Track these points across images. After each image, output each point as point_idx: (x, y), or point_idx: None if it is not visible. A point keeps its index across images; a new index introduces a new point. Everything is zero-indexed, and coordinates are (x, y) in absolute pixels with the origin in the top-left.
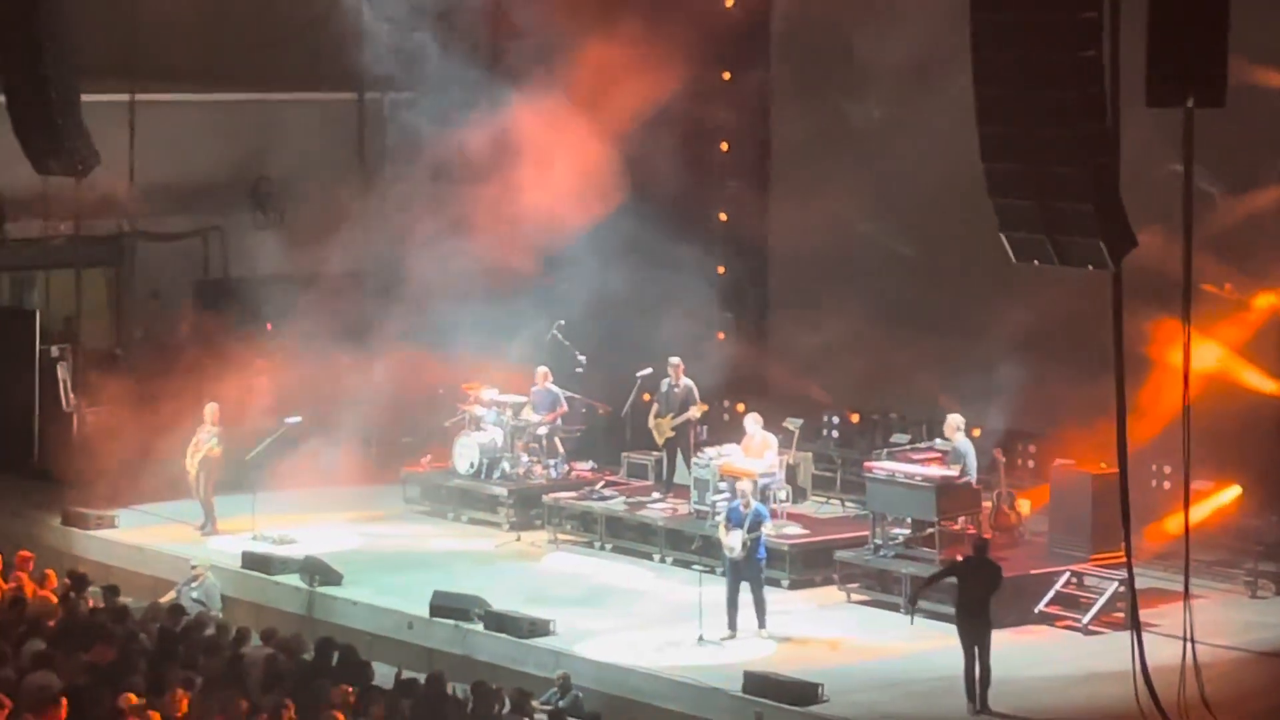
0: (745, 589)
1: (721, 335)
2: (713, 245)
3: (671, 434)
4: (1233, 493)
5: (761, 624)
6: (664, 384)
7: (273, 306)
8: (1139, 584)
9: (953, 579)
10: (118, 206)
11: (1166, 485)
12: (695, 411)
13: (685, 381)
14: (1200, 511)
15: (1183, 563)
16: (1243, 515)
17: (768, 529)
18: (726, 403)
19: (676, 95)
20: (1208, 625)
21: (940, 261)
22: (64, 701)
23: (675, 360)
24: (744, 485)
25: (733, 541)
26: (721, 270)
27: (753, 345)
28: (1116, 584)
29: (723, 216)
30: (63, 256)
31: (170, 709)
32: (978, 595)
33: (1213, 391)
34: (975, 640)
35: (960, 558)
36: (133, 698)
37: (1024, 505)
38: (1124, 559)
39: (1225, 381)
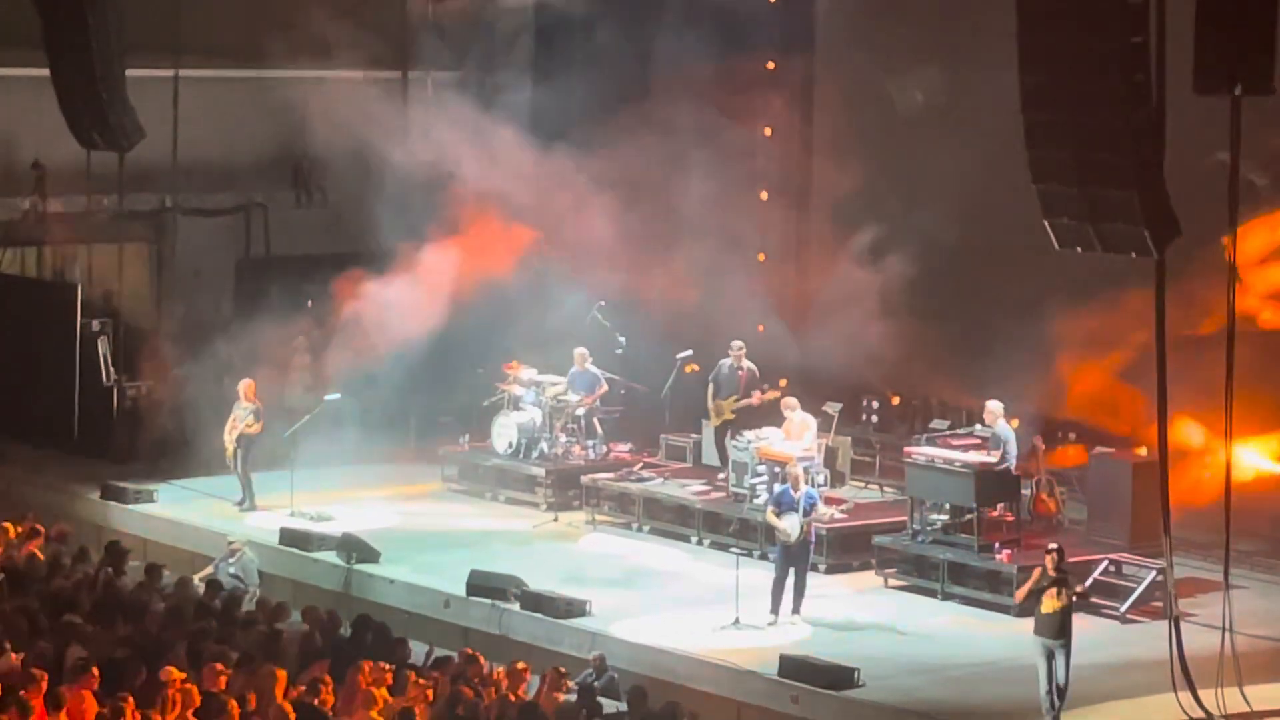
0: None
1: (761, 328)
2: (753, 230)
3: (732, 416)
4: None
5: (796, 608)
6: (724, 365)
7: (313, 284)
8: (1178, 573)
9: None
10: (160, 182)
11: (1207, 474)
12: (758, 397)
13: (748, 364)
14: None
15: (1222, 553)
16: None
17: (823, 514)
18: (765, 386)
19: (721, 80)
20: (1246, 615)
21: (983, 247)
22: (97, 674)
23: (738, 343)
24: (794, 469)
25: (790, 525)
26: (762, 258)
27: (792, 328)
28: (1155, 573)
29: (763, 195)
30: (105, 231)
31: (208, 683)
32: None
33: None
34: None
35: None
36: (175, 671)
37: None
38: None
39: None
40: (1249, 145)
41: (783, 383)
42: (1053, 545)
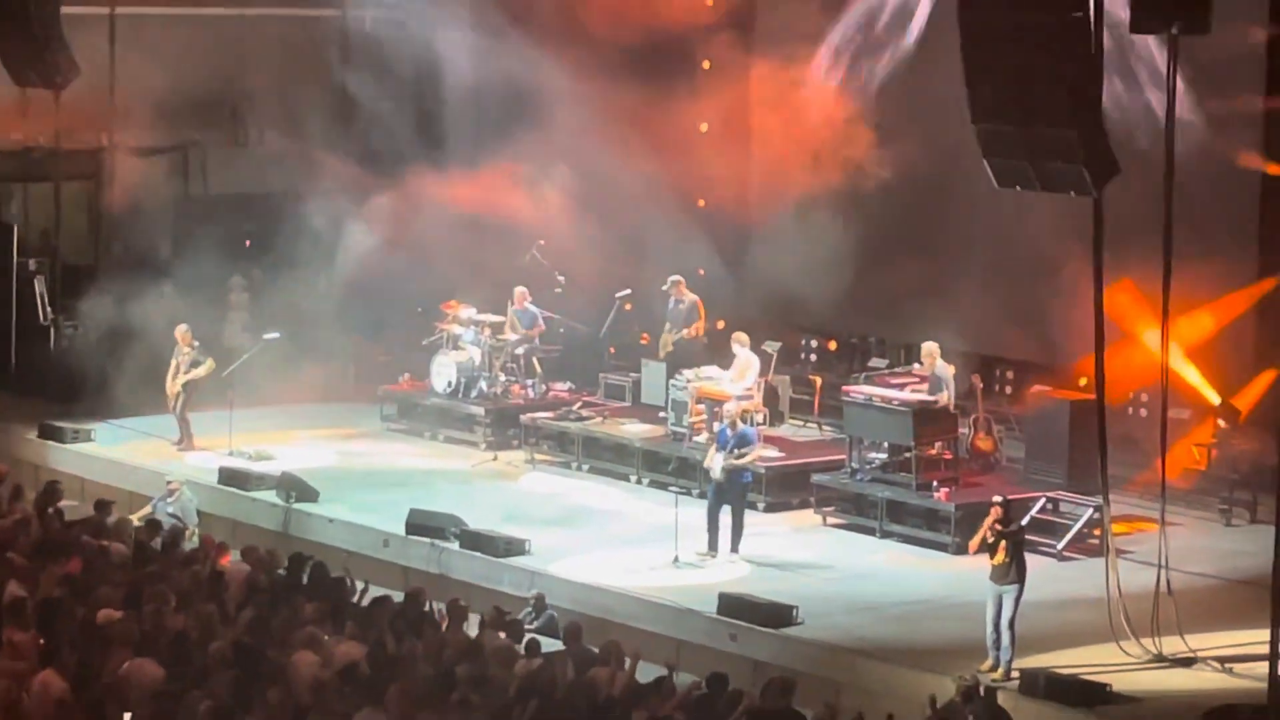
0: (726, 511)
1: (702, 271)
2: (692, 174)
3: (672, 349)
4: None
5: (735, 547)
6: (670, 301)
7: (252, 224)
8: (1114, 511)
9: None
10: (97, 121)
11: (1143, 413)
12: (693, 330)
13: (690, 297)
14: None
15: (1158, 490)
16: (1218, 441)
17: (755, 454)
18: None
19: (658, 19)
20: (1182, 552)
21: (923, 188)
22: (34, 613)
23: (675, 277)
24: (729, 407)
25: (715, 463)
26: (702, 204)
27: (732, 272)
28: (1091, 510)
29: (704, 127)
30: (41, 170)
31: (148, 623)
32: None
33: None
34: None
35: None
36: (111, 613)
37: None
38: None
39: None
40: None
41: (720, 324)
42: (998, 498)
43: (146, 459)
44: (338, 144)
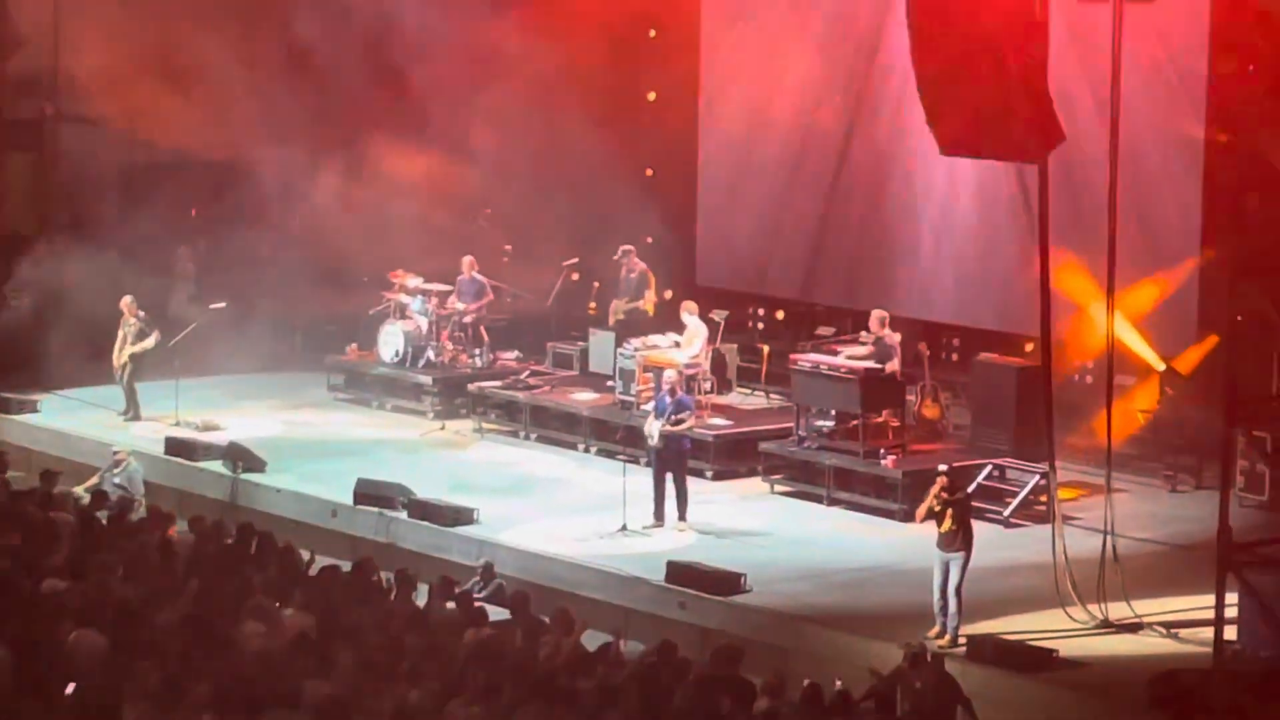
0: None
1: (650, 239)
2: (640, 142)
3: (622, 317)
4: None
5: (682, 515)
6: (622, 271)
7: (197, 193)
8: (1061, 477)
9: None
10: (42, 89)
11: (1089, 380)
12: (645, 301)
13: (640, 267)
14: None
15: (1104, 457)
16: (1163, 408)
17: (691, 420)
18: (648, 293)
19: None
20: (1127, 518)
21: (872, 153)
22: None
23: (627, 247)
24: (668, 375)
25: (652, 430)
26: (650, 173)
27: (680, 241)
28: (1038, 477)
29: (651, 96)
30: None
31: (92, 593)
32: None
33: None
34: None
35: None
36: (57, 583)
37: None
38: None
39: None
40: None
41: (668, 294)
42: (944, 466)
43: (93, 430)
44: (287, 111)
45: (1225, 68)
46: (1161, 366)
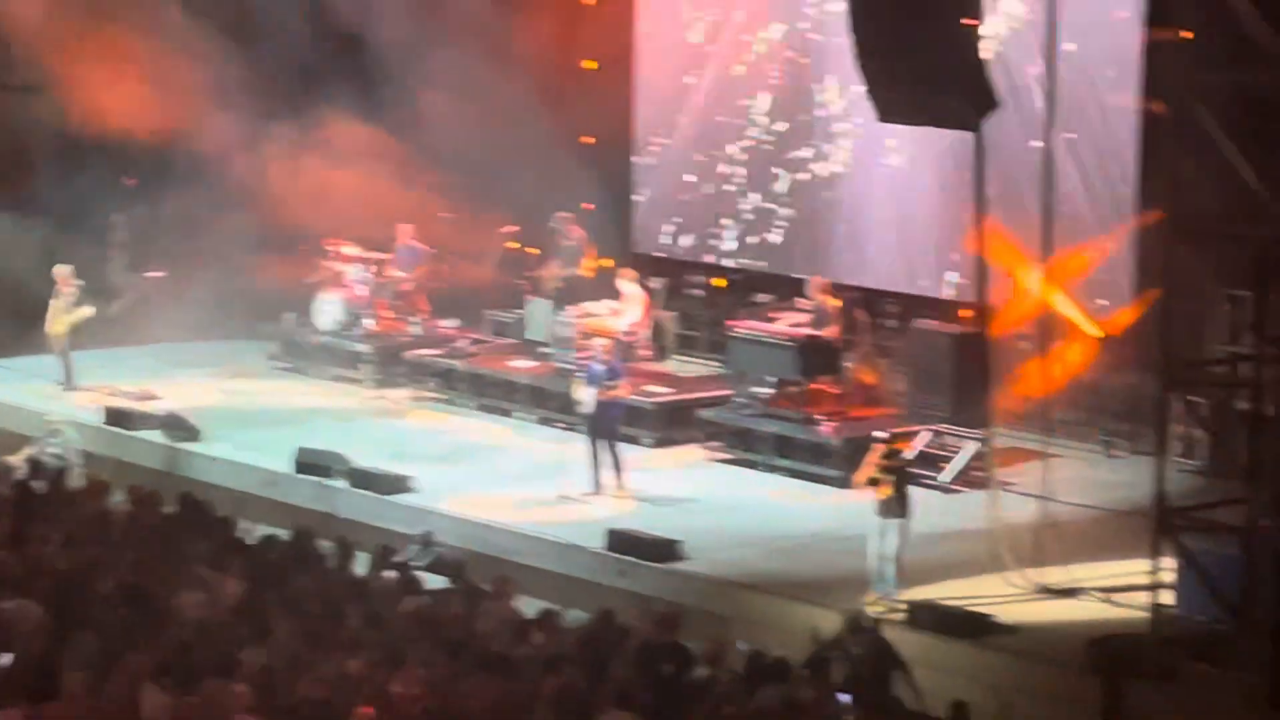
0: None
1: (588, 206)
2: (578, 110)
3: (559, 284)
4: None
5: (619, 482)
6: (559, 239)
7: (133, 162)
8: (998, 443)
9: None
10: None
11: (1025, 345)
12: (582, 268)
13: (578, 234)
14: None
15: (1041, 423)
16: (1099, 374)
17: (622, 386)
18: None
19: None
20: (1064, 484)
21: (807, 123)
22: None
23: (564, 214)
24: (599, 342)
25: (584, 397)
26: (591, 140)
27: (619, 208)
28: (975, 443)
29: (589, 64)
30: None
31: (29, 563)
32: None
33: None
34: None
35: None
36: None
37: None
38: None
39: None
40: None
41: (607, 262)
42: (883, 433)
43: (29, 399)
44: (228, 77)
45: (1160, 36)
46: (1097, 332)
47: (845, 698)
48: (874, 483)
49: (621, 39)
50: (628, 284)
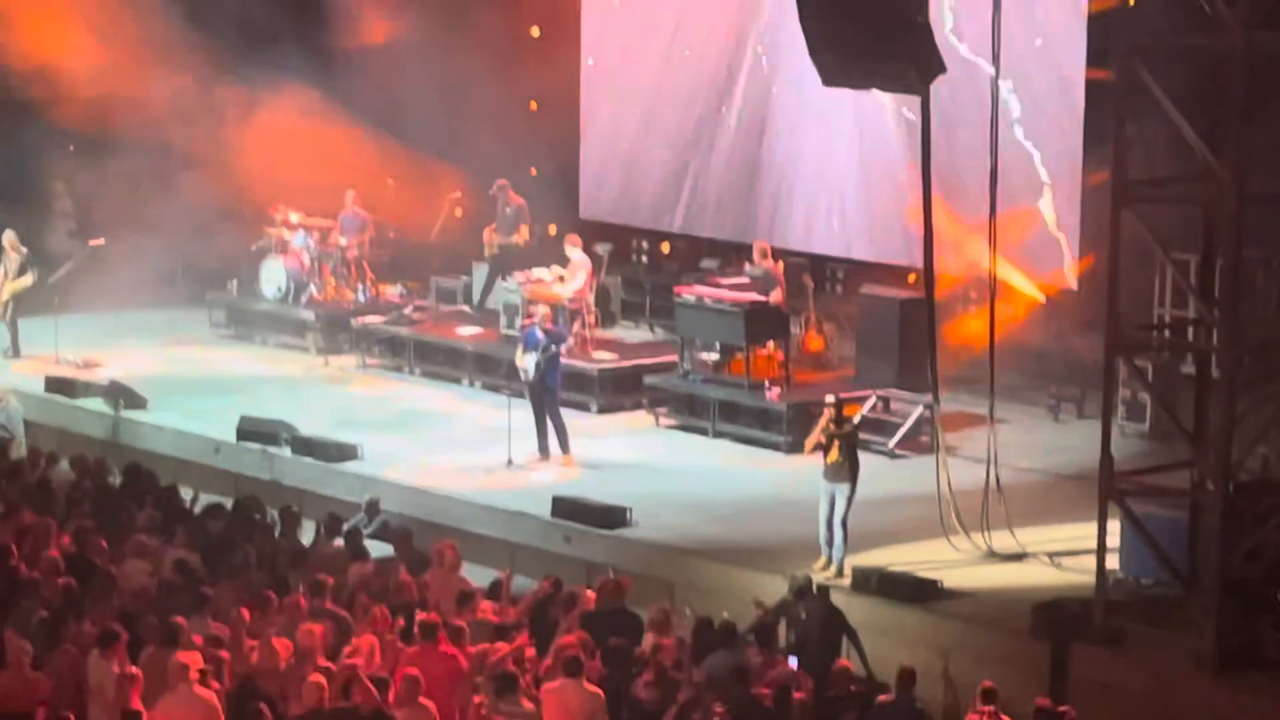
0: None
1: (534, 171)
2: (524, 76)
3: (496, 251)
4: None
5: (564, 449)
6: (498, 205)
7: (76, 126)
8: (944, 408)
9: None
10: None
11: (972, 310)
12: (519, 235)
13: (516, 201)
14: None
15: (987, 387)
16: (1045, 338)
17: (564, 351)
18: (535, 228)
19: None
20: (1011, 448)
21: (750, 89)
22: None
23: (501, 181)
24: (539, 308)
25: (526, 364)
26: (534, 106)
27: (565, 174)
28: (922, 408)
29: (535, 32)
30: None
31: None
32: None
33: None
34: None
35: None
36: None
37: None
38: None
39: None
40: None
41: (552, 228)
42: (830, 398)
43: None
44: (171, 40)
45: (1104, 3)
46: (1040, 297)
47: (793, 662)
48: (821, 448)
49: (569, 4)
50: (573, 250)
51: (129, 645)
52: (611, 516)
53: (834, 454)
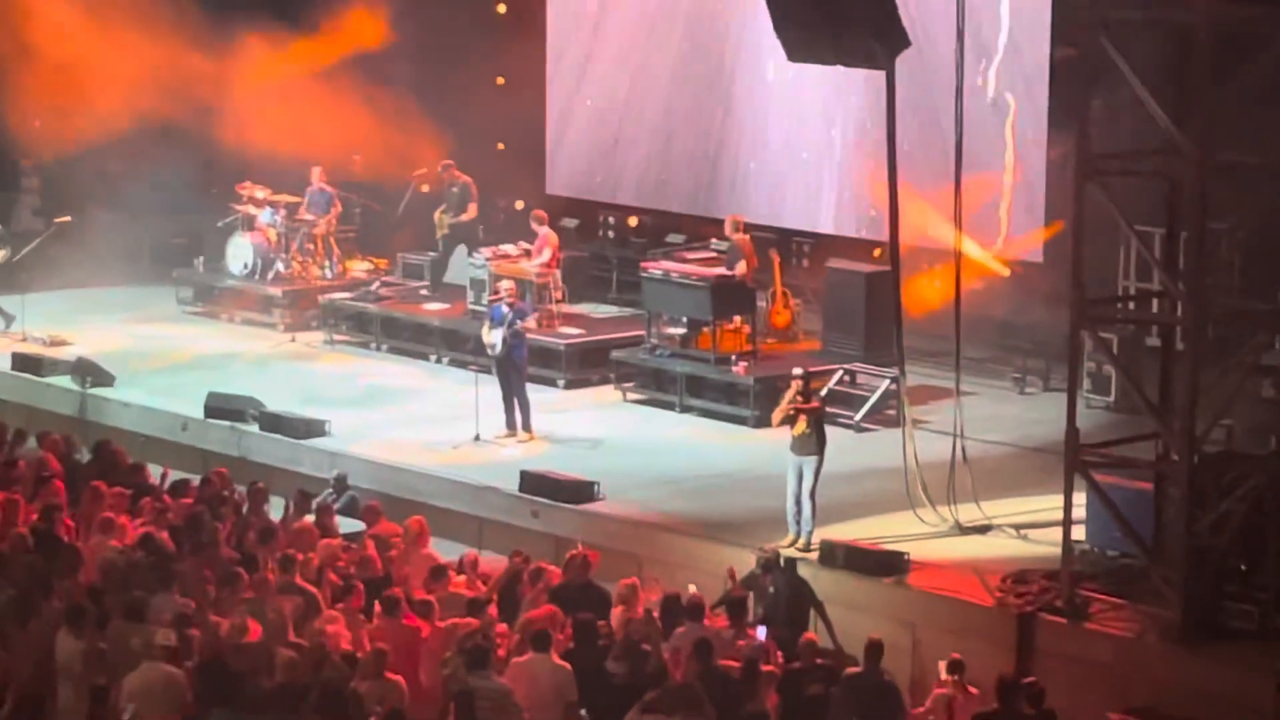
0: None
1: (501, 145)
2: (491, 51)
3: (447, 231)
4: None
5: (525, 424)
6: (445, 184)
7: (43, 103)
8: (910, 381)
9: None
10: None
11: (938, 284)
12: (468, 215)
13: (463, 180)
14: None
15: (953, 361)
16: (1011, 311)
17: (528, 324)
18: (502, 203)
19: None
20: (977, 421)
21: (720, 60)
22: None
23: (446, 161)
24: (505, 283)
25: (493, 339)
26: (500, 81)
27: (531, 149)
28: (888, 381)
29: (501, 8)
30: None
31: None
32: None
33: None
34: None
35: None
36: None
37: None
38: None
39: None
40: None
41: (519, 204)
42: (798, 370)
43: None
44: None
45: None
46: (1004, 271)
47: (761, 633)
48: (789, 421)
49: None
50: (539, 225)
51: (97, 621)
52: (579, 491)
53: (801, 425)
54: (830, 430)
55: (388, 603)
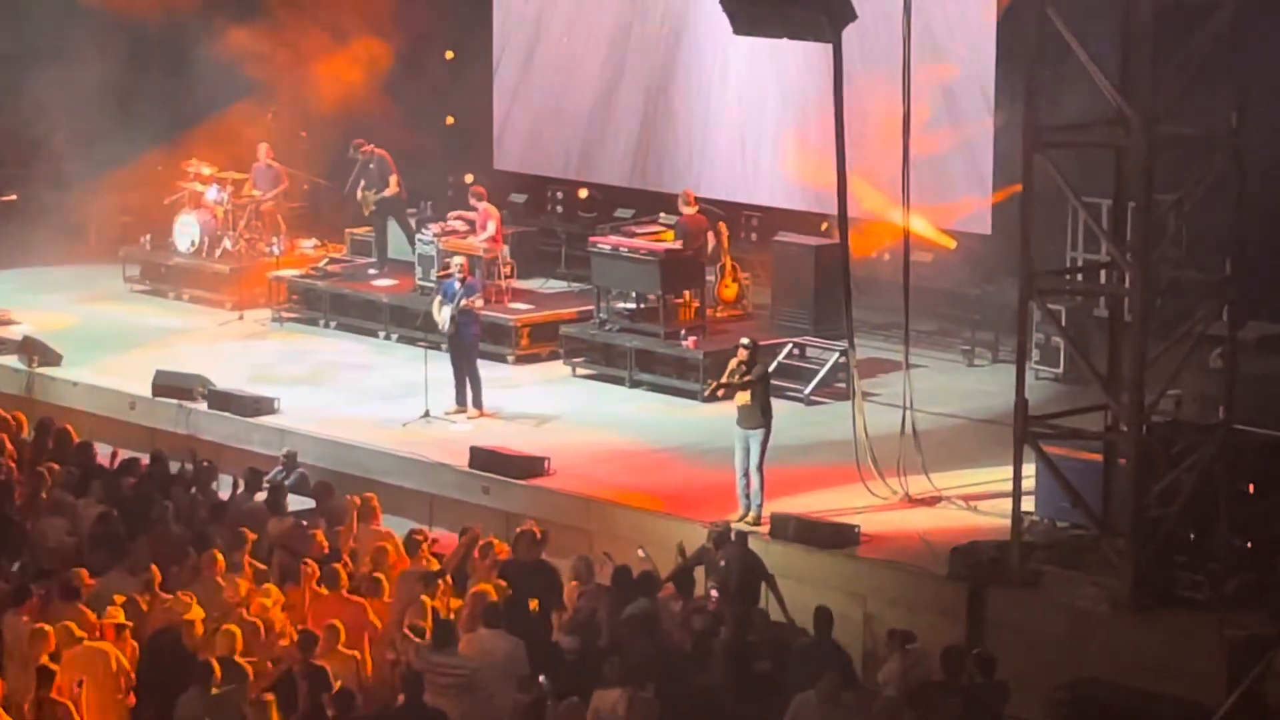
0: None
1: (451, 120)
2: (439, 27)
3: (374, 208)
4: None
5: (476, 401)
6: (359, 161)
7: None
8: (860, 354)
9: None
10: None
11: (886, 257)
12: (390, 188)
13: (378, 153)
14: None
15: (902, 333)
16: (958, 284)
17: (476, 303)
18: (451, 178)
19: None
20: (926, 393)
21: (667, 35)
22: None
23: (356, 141)
24: (456, 259)
25: (443, 316)
26: (450, 55)
27: (479, 123)
28: (838, 354)
29: None
30: None
31: None
32: None
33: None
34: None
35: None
36: None
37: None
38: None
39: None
40: None
41: (468, 177)
42: (745, 340)
43: None
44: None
45: None
46: (951, 244)
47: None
48: (724, 389)
49: None
50: (478, 200)
51: (44, 602)
52: (529, 467)
53: (744, 395)
54: (780, 403)
55: (327, 576)
